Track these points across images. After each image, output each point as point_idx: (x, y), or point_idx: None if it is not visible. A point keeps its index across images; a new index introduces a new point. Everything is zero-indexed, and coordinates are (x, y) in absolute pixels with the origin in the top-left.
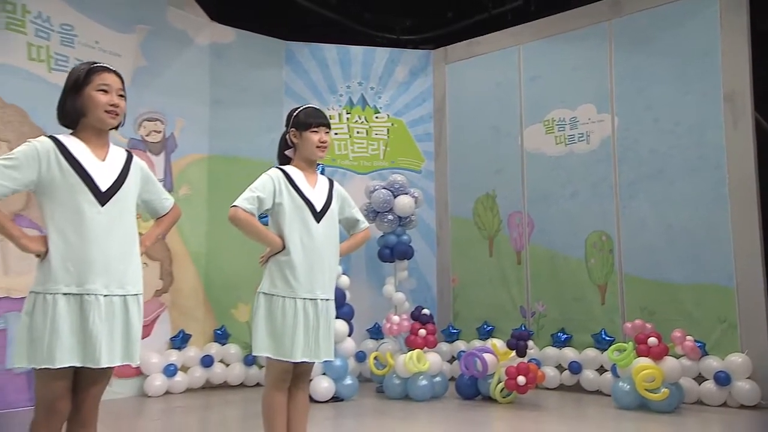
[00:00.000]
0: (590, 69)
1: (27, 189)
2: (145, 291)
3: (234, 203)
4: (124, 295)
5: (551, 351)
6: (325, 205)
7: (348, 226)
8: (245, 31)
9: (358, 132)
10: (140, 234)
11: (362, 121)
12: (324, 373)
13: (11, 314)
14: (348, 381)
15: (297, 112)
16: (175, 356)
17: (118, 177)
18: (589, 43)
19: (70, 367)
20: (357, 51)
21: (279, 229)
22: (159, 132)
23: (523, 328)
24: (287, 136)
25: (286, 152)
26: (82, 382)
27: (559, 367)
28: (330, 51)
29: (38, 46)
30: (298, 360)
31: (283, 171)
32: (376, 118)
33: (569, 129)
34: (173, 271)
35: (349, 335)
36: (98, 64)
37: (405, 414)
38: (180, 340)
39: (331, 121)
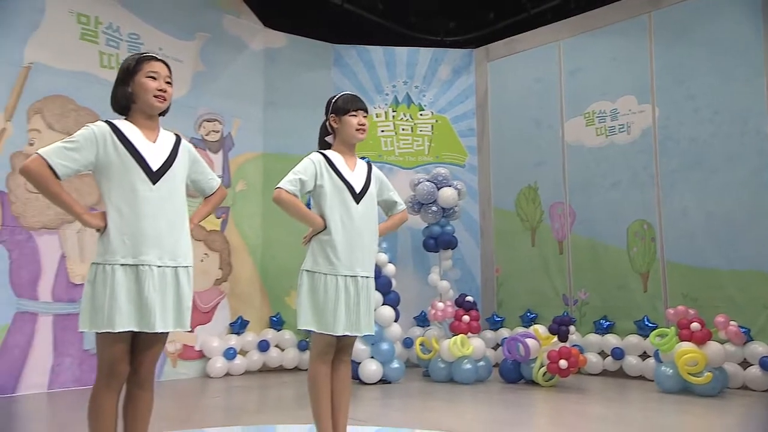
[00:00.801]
0: (630, 61)
1: (87, 170)
2: (206, 280)
3: (278, 185)
4: (176, 267)
5: (594, 338)
6: (363, 187)
7: (386, 207)
8: (296, 35)
9: (403, 129)
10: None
11: (407, 118)
12: (372, 357)
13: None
14: (395, 364)
15: (335, 99)
16: (234, 341)
17: (167, 158)
18: (628, 36)
19: (128, 331)
20: (402, 52)
21: (320, 209)
22: (217, 132)
23: (566, 315)
24: (327, 123)
25: (326, 138)
26: (140, 346)
27: (602, 354)
28: (376, 52)
29: (109, 54)
30: (340, 334)
31: (324, 155)
32: (421, 115)
33: (610, 120)
34: (232, 262)
35: (396, 321)
36: (147, 54)
37: (450, 395)
38: (238, 326)
39: (377, 119)
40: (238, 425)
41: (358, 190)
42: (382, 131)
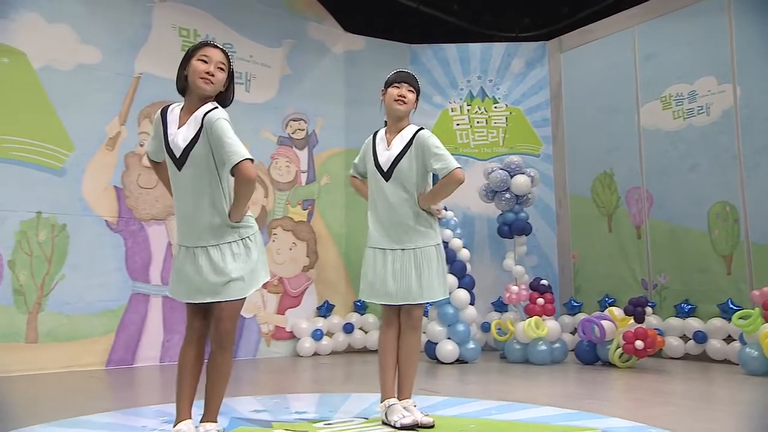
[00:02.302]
0: (708, 42)
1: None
2: (294, 267)
3: (349, 173)
4: (206, 246)
5: (675, 321)
6: (392, 163)
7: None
8: (374, 38)
9: (478, 122)
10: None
11: (482, 111)
12: (449, 338)
13: None
14: (471, 345)
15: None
16: (321, 323)
17: (188, 144)
18: (705, 17)
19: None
20: (475, 48)
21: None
22: (303, 130)
23: (646, 300)
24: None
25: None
26: (210, 310)
27: (684, 338)
28: (450, 50)
29: None
30: (386, 302)
31: (374, 136)
32: (495, 108)
33: (687, 103)
34: (318, 250)
35: (471, 304)
36: (205, 41)
37: (525, 375)
38: (325, 309)
39: (452, 114)
40: (323, 392)
41: (385, 168)
42: (458, 125)
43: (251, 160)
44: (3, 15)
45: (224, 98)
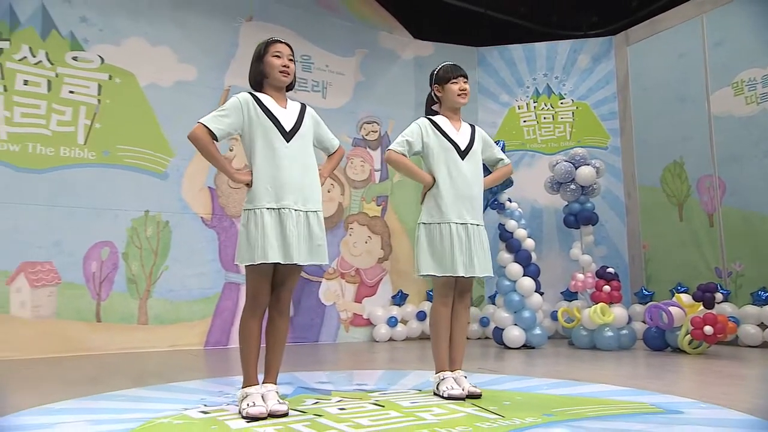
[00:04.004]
0: None
1: (236, 132)
2: (370, 259)
3: (389, 147)
4: (306, 211)
5: (752, 309)
6: (468, 145)
7: (491, 163)
8: (442, 43)
9: (545, 118)
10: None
11: (548, 107)
12: (515, 324)
13: None
14: (537, 331)
15: (437, 70)
16: (395, 311)
17: (297, 120)
18: None
19: (271, 266)
20: (541, 47)
21: (429, 167)
22: (375, 132)
23: (719, 288)
24: (432, 94)
25: (433, 107)
26: (279, 279)
27: (762, 326)
28: (516, 50)
29: None
30: (459, 274)
31: (429, 119)
32: (561, 103)
33: (761, 87)
34: (391, 243)
35: (536, 291)
36: (273, 38)
37: (593, 359)
38: (399, 298)
39: (519, 111)
40: (387, 369)
41: (462, 147)
42: (524, 121)
43: None
44: (116, 42)
45: (293, 83)
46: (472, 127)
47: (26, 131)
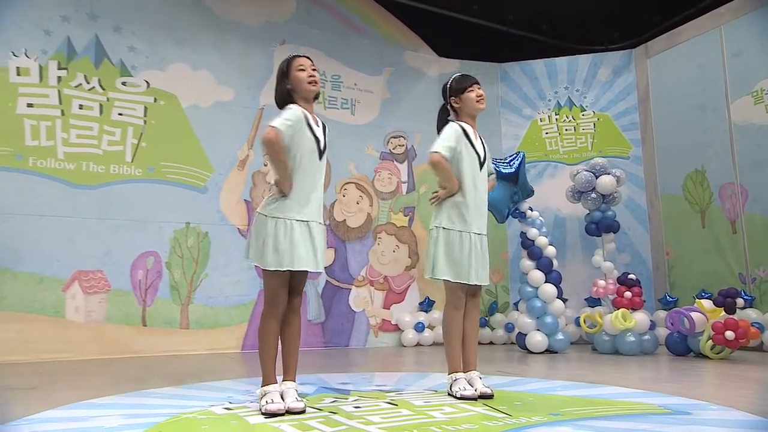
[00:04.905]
0: None
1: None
2: (398, 267)
3: (434, 150)
4: (320, 223)
5: None
6: (484, 155)
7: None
8: (466, 60)
9: (566, 129)
10: None
11: (569, 119)
12: (538, 329)
13: (308, 282)
14: (560, 336)
15: (449, 83)
16: (423, 317)
17: (324, 139)
18: None
19: (289, 270)
20: (562, 61)
21: (458, 173)
22: (402, 146)
23: (744, 294)
24: (449, 105)
25: (448, 119)
26: (294, 283)
27: None
28: (538, 65)
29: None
30: (473, 282)
31: (460, 125)
32: (583, 115)
33: None
34: (418, 252)
35: (558, 297)
36: (292, 54)
37: (613, 364)
38: (426, 305)
39: (541, 123)
40: (407, 372)
41: (482, 158)
42: (546, 133)
43: None
44: (161, 68)
45: (317, 96)
46: (481, 137)
47: (80, 151)
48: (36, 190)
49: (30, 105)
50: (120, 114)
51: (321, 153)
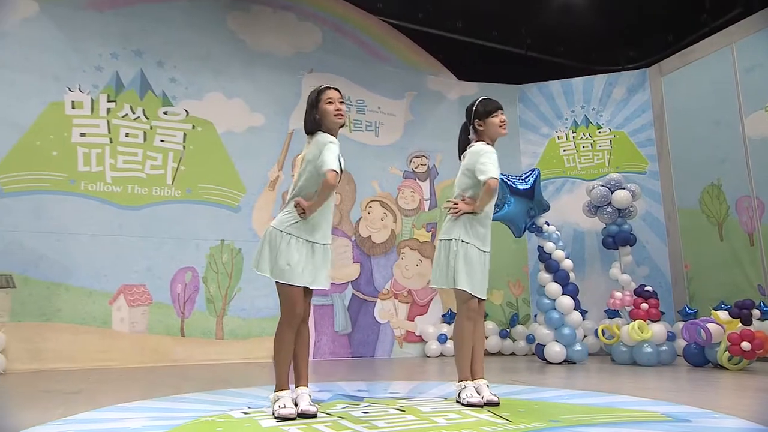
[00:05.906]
0: None
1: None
2: (421, 280)
3: (492, 176)
4: (326, 244)
5: None
6: None
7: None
8: (485, 83)
9: (583, 147)
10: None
11: (586, 137)
12: (556, 340)
13: (335, 295)
14: (577, 347)
15: (475, 106)
16: (446, 328)
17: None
18: None
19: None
20: (578, 81)
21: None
22: (424, 165)
23: (761, 305)
24: (472, 126)
25: (469, 137)
26: (304, 296)
27: None
28: (555, 86)
29: None
30: (483, 297)
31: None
32: (599, 133)
33: None
34: None
35: (576, 309)
36: (323, 86)
37: (630, 374)
38: (449, 317)
39: (558, 141)
40: (422, 381)
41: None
42: (564, 150)
43: None
44: (198, 97)
45: (343, 123)
46: None
47: (126, 175)
48: (87, 212)
49: (83, 134)
50: (162, 140)
51: (340, 179)
